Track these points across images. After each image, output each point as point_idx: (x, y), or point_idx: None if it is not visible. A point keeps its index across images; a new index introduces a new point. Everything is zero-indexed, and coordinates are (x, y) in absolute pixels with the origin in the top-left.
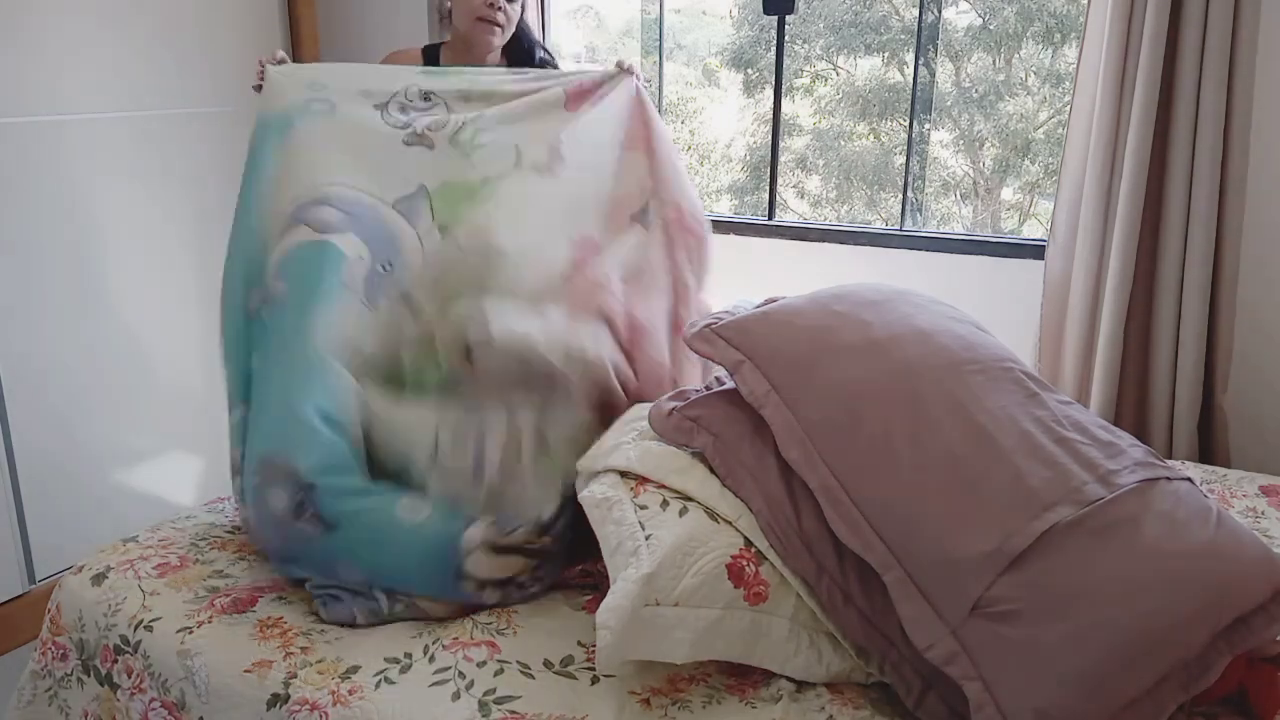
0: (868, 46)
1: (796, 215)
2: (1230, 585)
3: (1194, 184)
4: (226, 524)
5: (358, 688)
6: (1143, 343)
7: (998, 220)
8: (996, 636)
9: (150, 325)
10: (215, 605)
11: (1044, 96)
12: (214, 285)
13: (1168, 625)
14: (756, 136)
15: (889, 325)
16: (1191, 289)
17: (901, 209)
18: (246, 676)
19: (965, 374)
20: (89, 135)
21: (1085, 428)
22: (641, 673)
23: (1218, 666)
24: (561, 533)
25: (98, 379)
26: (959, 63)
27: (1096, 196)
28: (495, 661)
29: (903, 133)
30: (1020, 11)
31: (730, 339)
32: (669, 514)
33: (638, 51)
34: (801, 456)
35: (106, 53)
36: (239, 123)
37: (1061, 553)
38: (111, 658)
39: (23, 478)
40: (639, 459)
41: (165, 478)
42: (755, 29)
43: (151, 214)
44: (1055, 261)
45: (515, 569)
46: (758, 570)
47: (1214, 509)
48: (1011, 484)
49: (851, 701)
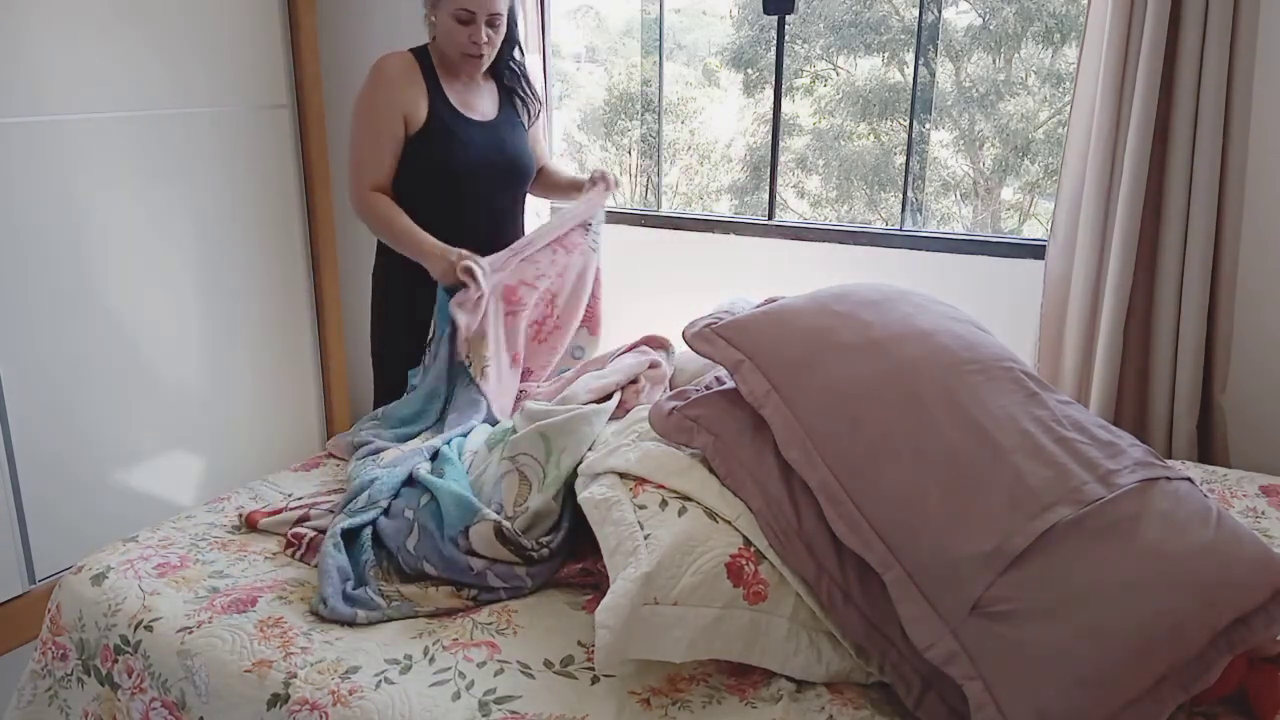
0: (868, 46)
1: (796, 215)
2: (1230, 585)
3: (1194, 184)
4: (226, 524)
5: (358, 688)
6: (1142, 343)
7: (998, 220)
8: (996, 636)
9: (150, 325)
10: (215, 605)
11: (1044, 96)
12: (213, 285)
13: (1168, 625)
14: (756, 136)
15: (889, 325)
16: (1191, 289)
17: (901, 209)
18: (246, 676)
19: (965, 374)
20: (89, 135)
21: (1085, 428)
22: (641, 672)
23: (1218, 666)
24: (559, 545)
25: (98, 379)
26: (959, 63)
27: (1096, 196)
28: (495, 661)
29: (903, 133)
30: (1020, 11)
31: (730, 338)
32: (668, 514)
33: (638, 51)
34: (801, 456)
35: (106, 53)
36: (239, 123)
37: (1061, 552)
38: (112, 657)
39: (23, 478)
40: (638, 460)
41: (165, 478)
42: (755, 29)
43: (151, 214)
44: (1055, 261)
45: (505, 558)
46: (757, 569)
47: (1214, 509)
48: (1011, 484)
49: (851, 701)
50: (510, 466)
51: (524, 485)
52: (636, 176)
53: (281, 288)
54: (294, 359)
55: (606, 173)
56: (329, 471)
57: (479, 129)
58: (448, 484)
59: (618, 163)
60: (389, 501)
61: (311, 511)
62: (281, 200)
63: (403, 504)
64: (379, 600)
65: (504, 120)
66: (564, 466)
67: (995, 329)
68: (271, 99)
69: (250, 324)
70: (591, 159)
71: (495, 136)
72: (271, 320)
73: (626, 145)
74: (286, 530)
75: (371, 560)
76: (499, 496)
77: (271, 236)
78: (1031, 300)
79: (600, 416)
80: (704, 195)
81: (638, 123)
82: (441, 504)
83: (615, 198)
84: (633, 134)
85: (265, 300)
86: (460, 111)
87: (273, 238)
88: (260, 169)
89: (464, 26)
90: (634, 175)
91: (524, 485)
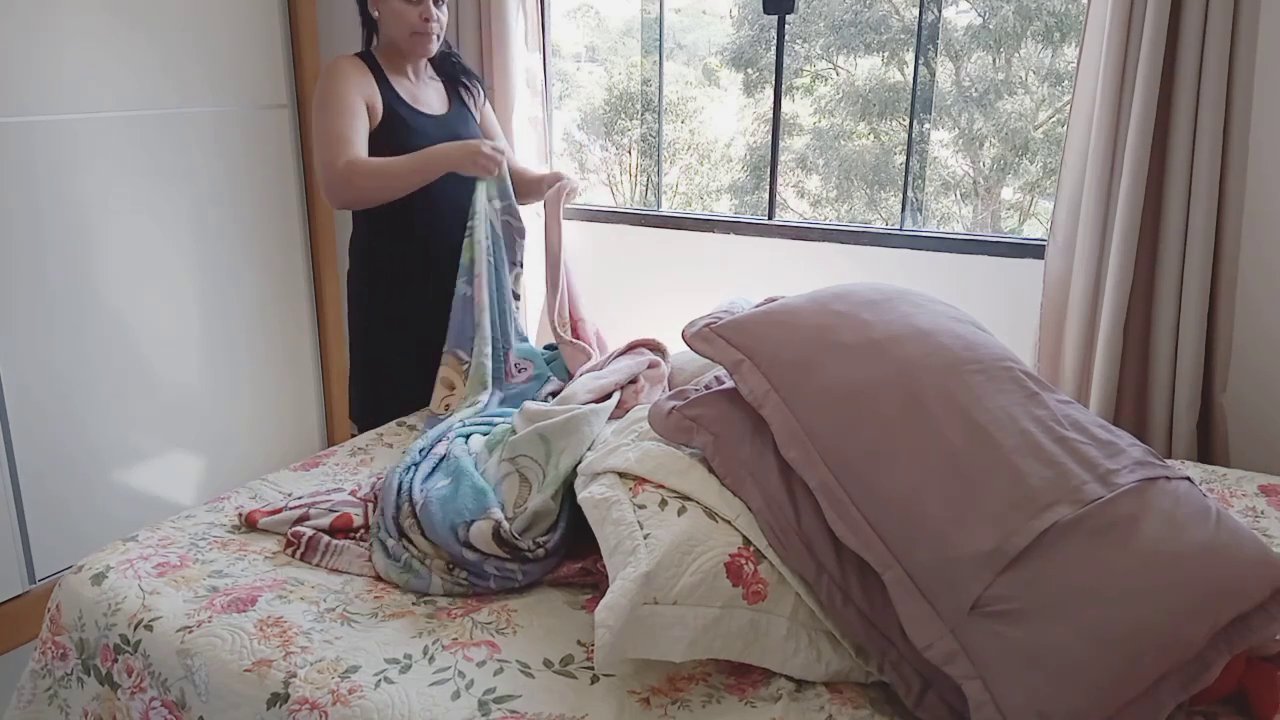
0: (868, 46)
1: (797, 215)
2: (1229, 584)
3: (1194, 184)
4: (226, 524)
5: (357, 687)
6: (1142, 342)
7: (998, 220)
8: (996, 635)
9: (150, 325)
10: (215, 605)
11: (1044, 96)
12: (214, 284)
13: (1167, 624)
14: (756, 136)
15: (889, 325)
16: (1191, 288)
17: (902, 208)
18: (246, 676)
19: (965, 373)
20: (89, 135)
21: (1085, 427)
22: (641, 672)
23: (1217, 666)
24: (555, 545)
25: (98, 379)
26: (959, 62)
27: (1096, 196)
28: (495, 661)
29: (903, 132)
30: (1020, 10)
31: (729, 338)
32: (668, 513)
33: (638, 51)
34: (801, 456)
35: (106, 53)
36: (239, 123)
37: (1061, 552)
38: (111, 657)
39: (23, 478)
40: (638, 460)
41: (165, 478)
42: (755, 28)
43: (151, 214)
44: (1055, 261)
45: (499, 555)
46: (756, 569)
47: (1213, 508)
48: (1011, 483)
49: (851, 701)
50: (510, 468)
51: (524, 486)
52: (636, 176)
53: (281, 287)
54: (294, 359)
55: (564, 178)
56: (329, 471)
57: (434, 123)
58: (476, 476)
59: (618, 162)
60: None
61: (311, 511)
62: (281, 200)
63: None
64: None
65: (455, 115)
66: (563, 467)
67: (995, 329)
68: (271, 99)
69: (250, 323)
70: (591, 158)
71: (450, 130)
72: (271, 320)
73: (626, 145)
74: (286, 530)
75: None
76: (499, 498)
77: (271, 236)
78: (1031, 300)
79: (599, 416)
80: (704, 195)
81: (638, 122)
82: (460, 490)
83: (615, 196)
84: (633, 134)
85: (265, 300)
86: (414, 107)
87: (273, 238)
88: (260, 169)
89: (414, 6)
90: (634, 175)
91: (524, 486)
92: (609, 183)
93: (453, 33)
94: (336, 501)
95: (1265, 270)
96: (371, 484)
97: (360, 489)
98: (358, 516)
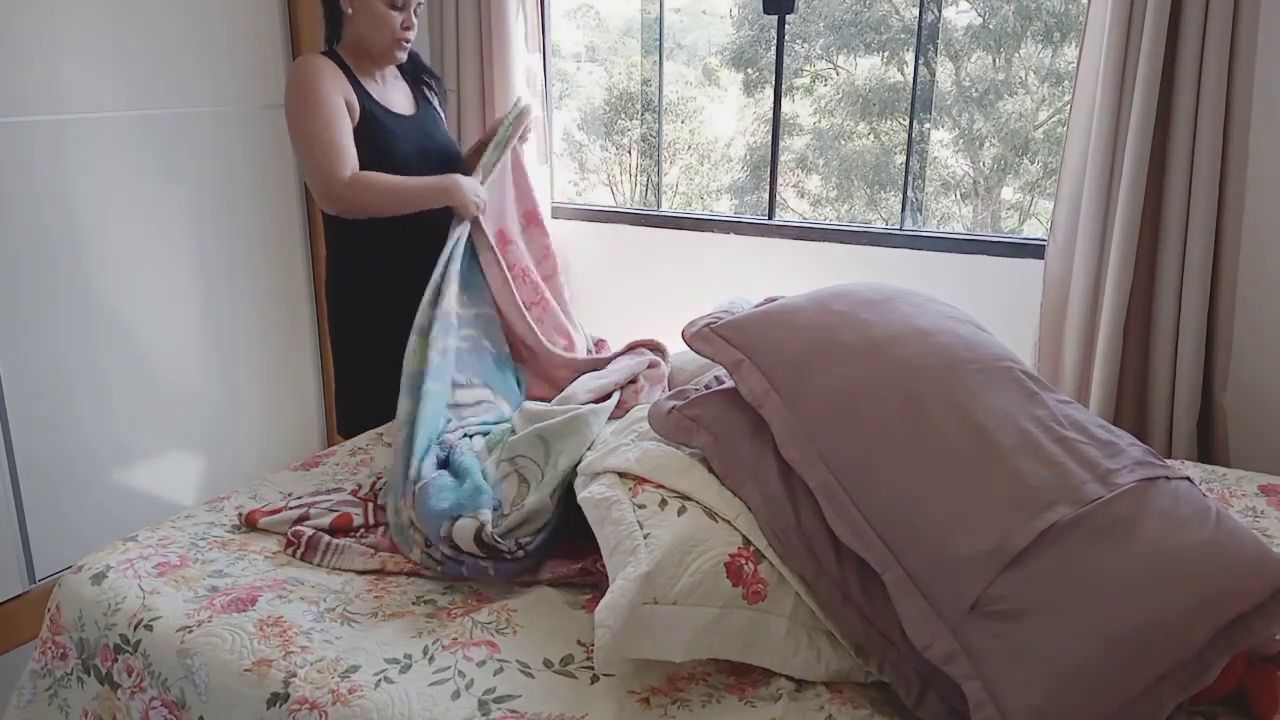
0: (868, 46)
1: (797, 215)
2: (1229, 584)
3: (1194, 184)
4: (227, 524)
5: (357, 687)
6: (1142, 342)
7: (998, 220)
8: (995, 635)
9: (150, 325)
10: (215, 605)
11: (1044, 96)
12: (213, 284)
13: (1167, 624)
14: (756, 136)
15: (889, 324)
16: (1191, 288)
17: (902, 208)
18: (246, 676)
19: (965, 373)
20: (89, 135)
21: (1085, 427)
22: (641, 672)
23: (1217, 666)
24: (537, 547)
25: (98, 379)
26: (959, 62)
27: (1096, 196)
28: (495, 661)
29: (903, 132)
30: (1020, 10)
31: (729, 338)
32: (667, 513)
33: (638, 51)
34: (801, 456)
35: (106, 52)
36: (239, 123)
37: (1061, 552)
38: (111, 657)
39: (23, 478)
40: (638, 460)
41: (165, 478)
42: (755, 28)
43: (151, 214)
44: (1055, 261)
45: (475, 554)
46: (756, 569)
47: (1213, 508)
48: (1011, 483)
49: (851, 701)
50: (509, 469)
51: (523, 487)
52: (636, 176)
53: (281, 287)
54: (294, 359)
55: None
56: (329, 471)
57: (406, 123)
58: (478, 475)
59: (618, 162)
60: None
61: (311, 510)
62: (281, 200)
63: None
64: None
65: (425, 116)
66: (561, 467)
67: (995, 329)
68: (271, 99)
69: (250, 323)
70: (591, 158)
71: (422, 131)
72: (271, 320)
73: (626, 145)
74: (286, 529)
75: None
76: (498, 497)
77: (271, 236)
78: (1031, 300)
79: (599, 416)
80: (704, 195)
81: (638, 122)
82: (460, 486)
83: (615, 196)
84: (633, 134)
85: (265, 300)
86: (387, 108)
87: (272, 237)
88: (260, 169)
89: (398, 12)
90: (634, 175)
91: (523, 487)
92: (609, 183)
93: (453, 33)
94: (336, 501)
95: (1265, 270)
96: (371, 484)
97: (360, 489)
98: (358, 516)
